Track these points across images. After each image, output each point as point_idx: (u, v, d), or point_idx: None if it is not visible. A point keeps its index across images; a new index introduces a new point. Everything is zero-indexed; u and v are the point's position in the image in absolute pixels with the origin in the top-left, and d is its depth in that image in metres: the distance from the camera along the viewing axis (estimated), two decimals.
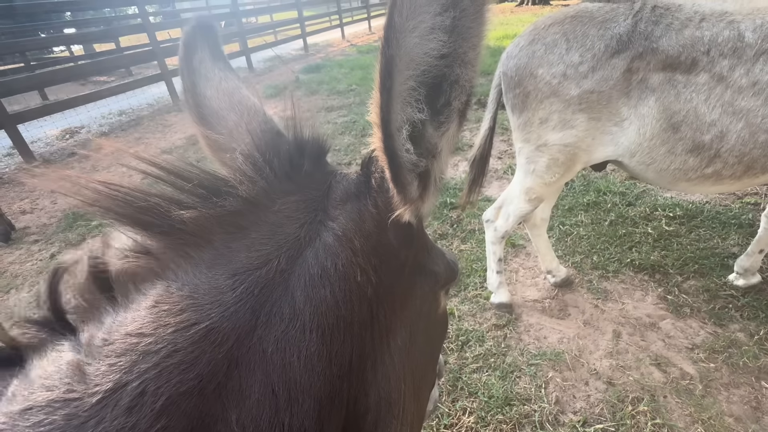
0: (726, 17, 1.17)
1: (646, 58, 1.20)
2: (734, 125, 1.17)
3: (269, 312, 0.28)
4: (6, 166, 4.82)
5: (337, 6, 12.67)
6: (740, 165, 1.23)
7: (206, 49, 0.47)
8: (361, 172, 0.37)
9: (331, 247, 0.32)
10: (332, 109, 5.40)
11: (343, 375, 0.31)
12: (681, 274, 2.00)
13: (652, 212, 2.46)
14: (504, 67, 1.42)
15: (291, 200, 0.33)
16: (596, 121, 1.29)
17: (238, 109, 0.43)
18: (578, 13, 1.29)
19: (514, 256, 2.32)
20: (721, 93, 1.16)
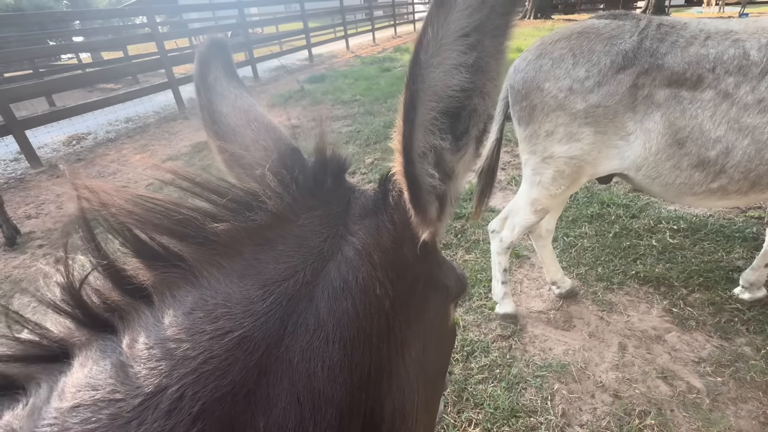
0: (731, 36, 1.19)
1: (651, 74, 1.22)
2: (740, 141, 1.19)
3: (296, 322, 0.29)
4: (12, 171, 4.86)
5: (342, 18, 12.87)
6: (746, 181, 1.24)
7: (220, 67, 0.48)
8: (379, 189, 0.39)
9: (352, 260, 0.33)
10: (336, 119, 5.46)
11: (363, 386, 0.32)
12: (686, 287, 2.00)
13: (656, 225, 2.47)
14: (511, 81, 1.45)
15: (315, 215, 0.34)
16: (602, 134, 1.31)
17: (255, 126, 0.44)
18: (585, 29, 1.32)
19: (519, 266, 2.32)
20: (727, 109, 1.18)
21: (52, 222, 3.51)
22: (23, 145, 4.74)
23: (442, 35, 0.27)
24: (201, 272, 0.29)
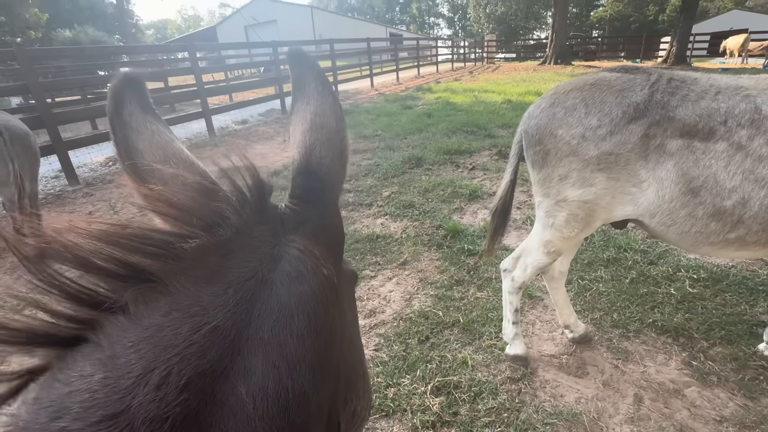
0: (742, 91, 1.23)
1: (663, 125, 1.26)
2: (756, 192, 1.19)
3: (260, 309, 0.36)
4: (52, 187, 5.18)
5: (369, 58, 13.57)
6: (765, 232, 1.23)
7: (135, 102, 0.49)
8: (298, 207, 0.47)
9: (299, 257, 0.41)
10: (357, 152, 5.64)
11: (327, 345, 0.40)
12: (707, 340, 1.92)
13: (675, 273, 2.41)
14: (525, 126, 1.51)
15: (263, 229, 0.41)
16: (615, 181, 1.34)
17: (174, 162, 0.46)
18: (597, 81, 1.39)
19: (531, 307, 2.29)
20: (741, 161, 1.20)
21: None
22: (65, 164, 5.07)
23: None
24: (172, 282, 0.34)
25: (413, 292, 2.50)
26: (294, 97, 0.55)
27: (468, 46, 26.21)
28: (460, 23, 64.78)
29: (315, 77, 0.56)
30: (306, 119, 0.53)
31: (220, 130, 7.95)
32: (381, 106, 9.52)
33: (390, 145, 5.80)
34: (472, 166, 4.72)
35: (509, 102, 8.69)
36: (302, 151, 0.50)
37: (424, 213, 3.55)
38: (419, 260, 2.84)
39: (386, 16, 69.01)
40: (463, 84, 13.23)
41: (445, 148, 5.27)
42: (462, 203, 3.73)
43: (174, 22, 75.66)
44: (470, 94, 10.32)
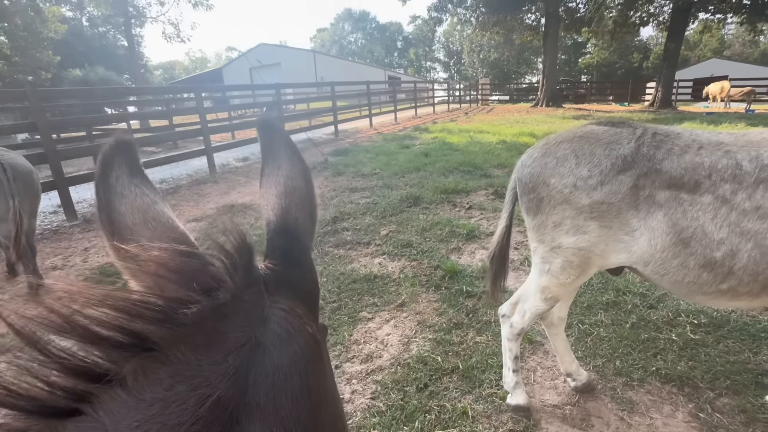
0: (722, 147, 1.29)
1: (651, 176, 1.31)
2: (744, 245, 1.22)
3: (256, 373, 0.36)
4: (49, 222, 5.17)
5: (368, 100, 14.10)
6: (756, 283, 1.24)
7: (124, 166, 0.50)
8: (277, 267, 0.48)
9: (285, 317, 0.42)
10: (356, 190, 5.72)
11: (317, 403, 0.40)
12: (712, 390, 1.87)
13: (675, 317, 2.39)
14: (519, 174, 1.56)
15: (253, 291, 0.42)
16: (608, 229, 1.37)
17: (152, 225, 0.47)
18: (585, 134, 1.45)
19: (532, 353, 2.24)
20: (727, 213, 1.23)
21: (74, 275, 3.63)
22: (64, 199, 5.10)
23: None
24: (173, 351, 0.34)
25: (411, 336, 2.45)
26: (264, 162, 0.57)
27: (463, 88, 27.37)
28: (456, 67, 68.03)
29: (284, 144, 0.58)
30: (279, 183, 0.55)
31: (222, 167, 8.09)
32: (379, 145, 9.77)
33: (388, 184, 5.90)
34: (469, 206, 4.78)
35: (504, 142, 8.96)
36: (278, 213, 0.52)
37: (422, 252, 3.55)
38: (417, 302, 2.81)
39: (385, 60, 72.53)
40: (459, 124, 13.68)
41: (442, 188, 5.36)
42: (459, 243, 3.75)
43: (182, 64, 79.05)
44: (466, 134, 10.65)
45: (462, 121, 15.01)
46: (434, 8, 21.23)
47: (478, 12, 20.32)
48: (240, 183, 6.84)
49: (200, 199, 5.94)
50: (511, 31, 22.66)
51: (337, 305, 2.80)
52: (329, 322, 2.60)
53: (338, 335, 2.47)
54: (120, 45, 32.51)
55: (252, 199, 5.63)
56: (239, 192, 6.19)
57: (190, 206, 5.61)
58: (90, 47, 30.87)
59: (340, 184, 6.17)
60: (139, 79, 19.31)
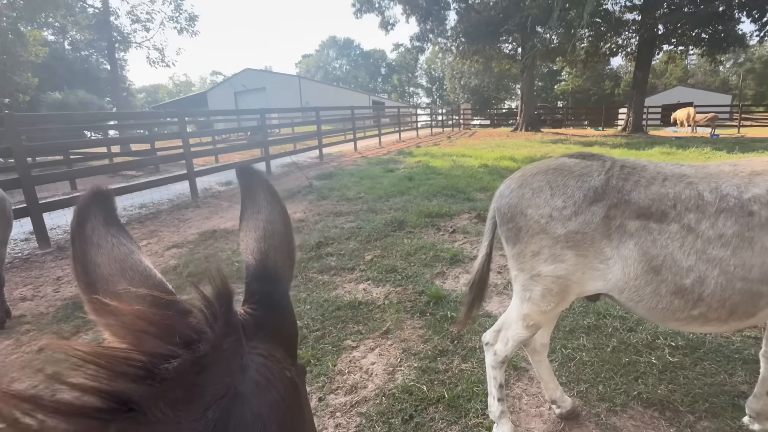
0: (685, 179, 1.37)
1: (621, 207, 1.37)
2: (710, 272, 1.28)
3: (235, 425, 0.36)
4: (20, 251, 4.97)
5: (352, 124, 14.33)
6: (724, 309, 1.30)
7: (100, 215, 0.50)
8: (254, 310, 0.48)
9: (264, 363, 0.41)
10: (340, 215, 5.73)
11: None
12: (692, 413, 1.90)
13: (654, 340, 2.44)
14: (497, 204, 1.61)
15: (231, 340, 0.41)
16: (584, 257, 1.41)
17: (130, 275, 0.47)
18: (559, 166, 1.52)
19: (517, 380, 2.24)
20: (693, 241, 1.29)
21: (45, 306, 3.47)
22: (38, 226, 4.93)
23: None
24: (152, 410, 0.33)
25: (396, 364, 2.42)
26: (243, 206, 0.58)
27: (446, 113, 28.14)
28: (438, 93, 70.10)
29: (264, 188, 0.60)
30: (258, 227, 0.56)
31: (204, 191, 8.00)
32: (364, 168, 9.87)
33: (372, 208, 5.93)
34: (453, 229, 4.84)
35: (486, 166, 9.18)
36: (257, 257, 0.52)
37: (406, 278, 3.55)
38: (402, 328, 2.79)
39: (369, 85, 74.25)
40: (442, 148, 13.98)
41: (426, 211, 5.42)
42: (444, 267, 3.77)
43: (166, 87, 78.95)
44: (449, 158, 10.88)
45: (445, 145, 15.36)
46: (416, 38, 22.07)
47: (458, 41, 21.21)
48: (222, 207, 6.76)
49: (181, 225, 5.83)
50: (490, 60, 23.67)
51: (321, 333, 2.75)
52: (312, 351, 2.55)
53: (322, 365, 2.42)
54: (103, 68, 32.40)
55: (234, 225, 5.56)
56: (222, 217, 6.11)
57: (170, 232, 5.49)
58: (71, 70, 30.60)
59: (325, 208, 6.17)
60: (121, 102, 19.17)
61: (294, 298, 3.28)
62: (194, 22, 19.69)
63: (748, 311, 1.30)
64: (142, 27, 18.91)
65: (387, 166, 9.97)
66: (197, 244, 4.86)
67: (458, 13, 20.54)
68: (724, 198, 1.29)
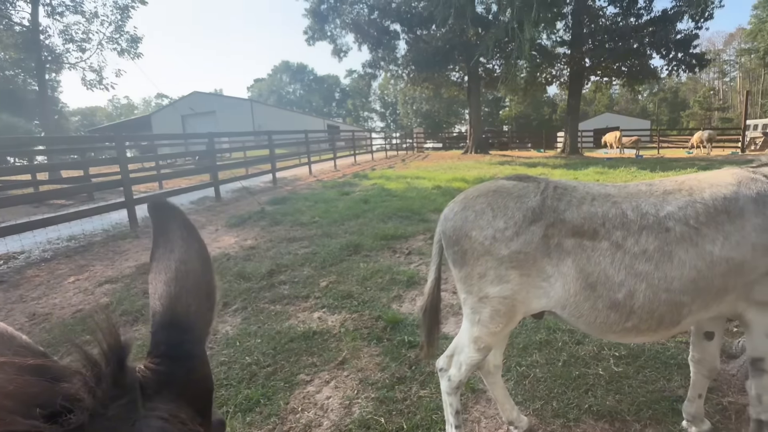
0: (610, 198, 1.46)
1: (557, 226, 1.43)
2: (639, 285, 1.36)
3: None
4: None
5: (307, 148, 14.23)
6: (653, 320, 1.38)
7: None
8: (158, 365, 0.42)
9: (163, 427, 0.36)
10: (294, 240, 5.56)
11: None
12: (638, 422, 1.97)
13: (600, 351, 2.55)
14: (443, 227, 1.62)
15: (120, 404, 0.36)
16: (527, 276, 1.44)
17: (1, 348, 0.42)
18: (498, 188, 1.56)
19: (475, 402, 2.22)
20: (622, 257, 1.38)
21: None
22: None
23: None
24: None
25: (353, 397, 2.31)
26: (155, 246, 0.53)
27: (399, 136, 28.94)
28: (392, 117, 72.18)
29: (179, 224, 0.54)
30: (170, 268, 0.50)
31: (145, 219, 7.45)
32: (319, 192, 9.77)
33: (328, 232, 5.82)
34: (409, 251, 4.85)
35: (439, 188, 9.44)
36: (166, 302, 0.47)
37: (363, 303, 3.47)
38: (359, 357, 2.69)
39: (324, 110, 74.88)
40: (397, 171, 14.25)
41: (382, 234, 5.41)
42: (400, 290, 3.74)
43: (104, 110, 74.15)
44: (403, 180, 11.09)
45: (399, 168, 15.68)
46: (368, 65, 22.75)
47: (408, 69, 22.13)
48: None
49: (117, 258, 5.35)
50: (439, 87, 24.88)
51: (272, 369, 2.57)
52: (263, 390, 2.37)
53: (273, 405, 2.25)
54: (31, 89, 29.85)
55: None
56: None
57: (103, 266, 5.01)
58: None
59: (278, 234, 5.97)
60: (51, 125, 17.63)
61: (244, 331, 3.08)
62: (137, 44, 18.82)
63: (674, 320, 1.39)
64: (77, 47, 17.73)
65: (342, 189, 9.94)
66: (135, 278, 4.46)
67: (407, 43, 21.54)
68: (644, 216, 1.39)
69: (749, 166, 1.61)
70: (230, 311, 3.49)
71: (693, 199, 1.41)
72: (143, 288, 4.09)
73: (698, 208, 1.38)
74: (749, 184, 1.42)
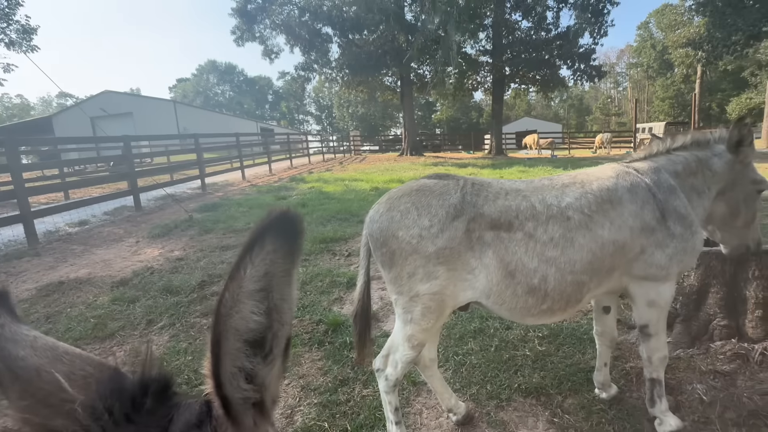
0: (521, 193, 1.61)
1: (477, 220, 1.52)
2: (549, 270, 1.52)
3: None
4: None
5: (238, 152, 13.55)
6: (563, 300, 1.55)
7: (5, 314, 0.47)
8: (203, 402, 0.40)
9: None
10: (228, 248, 5.26)
11: None
12: (560, 394, 2.18)
13: (526, 334, 2.77)
14: (369, 229, 1.63)
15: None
16: (454, 271, 1.52)
17: (67, 358, 0.42)
18: (420, 187, 1.62)
19: (417, 395, 2.28)
20: (534, 246, 1.52)
21: None
22: None
23: (238, 294, 0.34)
24: None
25: (295, 405, 2.25)
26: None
27: (336, 139, 28.78)
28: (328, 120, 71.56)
29: None
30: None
31: (48, 234, 6.54)
32: (253, 197, 9.35)
33: None
34: (348, 253, 4.85)
35: (377, 189, 9.57)
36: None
37: (302, 308, 3.40)
38: (300, 364, 2.63)
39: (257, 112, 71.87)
40: (335, 174, 14.16)
41: (321, 237, 5.34)
42: (341, 292, 3.72)
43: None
44: (341, 183, 11.05)
45: (337, 171, 15.60)
46: (301, 67, 22.33)
47: (342, 72, 22.13)
48: (74, 253, 5.59)
49: (12, 279, 4.61)
50: (374, 90, 25.24)
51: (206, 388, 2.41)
52: None
53: None
54: None
55: (91, 272, 4.64)
56: (72, 264, 5.04)
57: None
58: None
59: (209, 242, 5.60)
60: None
61: (173, 349, 2.84)
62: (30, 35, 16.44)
63: (578, 298, 1.58)
64: None
65: (279, 194, 9.63)
66: (35, 301, 3.89)
67: (340, 47, 21.54)
68: (549, 207, 1.56)
69: (624, 161, 1.89)
70: (155, 329, 3.20)
71: (585, 191, 1.62)
72: (46, 313, 3.58)
73: (590, 198, 1.60)
74: (625, 177, 1.68)
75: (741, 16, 18.98)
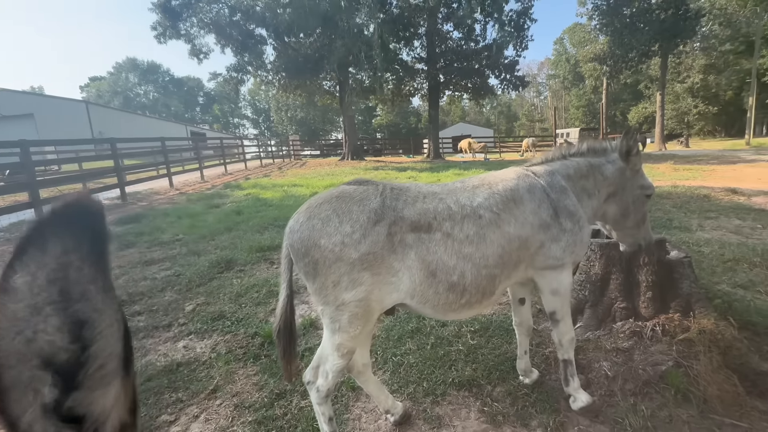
0: (437, 196, 1.71)
1: (398, 224, 1.57)
2: (466, 266, 1.62)
3: None
4: None
5: (164, 157, 12.53)
6: (479, 293, 1.67)
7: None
8: None
9: None
10: (152, 263, 4.84)
11: None
12: (490, 384, 2.32)
13: (460, 330, 2.91)
14: (290, 240, 1.59)
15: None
16: (378, 275, 1.54)
17: None
18: (341, 193, 1.63)
19: (356, 400, 2.28)
20: (452, 245, 1.61)
21: None
22: None
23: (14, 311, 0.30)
24: None
25: (227, 426, 2.13)
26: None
27: (275, 144, 27.88)
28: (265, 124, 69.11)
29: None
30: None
31: None
32: (183, 206, 8.72)
33: (194, 250, 5.25)
34: None
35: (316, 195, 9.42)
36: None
37: (237, 322, 3.23)
38: (234, 381, 2.49)
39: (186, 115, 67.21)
40: (273, 179, 13.70)
41: (258, 246, 5.13)
42: None
43: None
44: (280, 189, 10.73)
45: (276, 176, 15.11)
46: (233, 68, 21.32)
47: (279, 75, 21.53)
48: None
49: None
50: (312, 94, 24.89)
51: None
52: None
53: None
54: None
55: None
56: None
57: None
58: None
59: (130, 258, 5.11)
60: None
61: None
62: None
63: (491, 290, 1.71)
64: None
65: (211, 202, 9.08)
66: None
67: (276, 49, 20.95)
68: (463, 207, 1.68)
69: (524, 165, 2.09)
70: None
71: (492, 191, 1.77)
72: None
73: (497, 198, 1.75)
74: (524, 178, 1.86)
75: (635, 36, 22.02)
